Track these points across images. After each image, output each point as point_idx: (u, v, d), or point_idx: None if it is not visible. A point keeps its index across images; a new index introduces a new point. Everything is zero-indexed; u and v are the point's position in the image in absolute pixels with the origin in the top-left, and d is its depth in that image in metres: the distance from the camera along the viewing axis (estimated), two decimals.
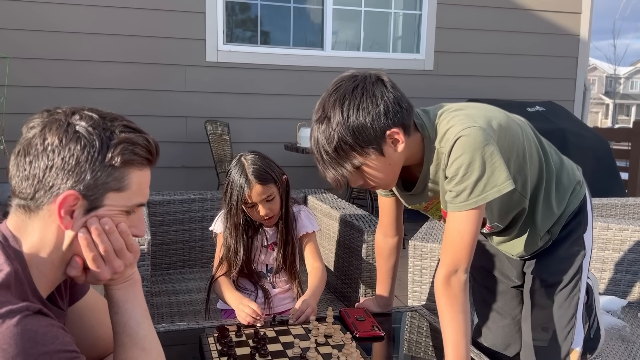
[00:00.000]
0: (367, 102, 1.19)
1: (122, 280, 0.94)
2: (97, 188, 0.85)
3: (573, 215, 1.44)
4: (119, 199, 0.88)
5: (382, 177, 1.26)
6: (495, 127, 1.26)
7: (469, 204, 1.20)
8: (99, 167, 0.85)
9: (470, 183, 1.19)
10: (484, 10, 5.15)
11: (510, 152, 1.30)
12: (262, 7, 4.82)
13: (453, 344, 1.22)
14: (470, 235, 1.22)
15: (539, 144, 1.41)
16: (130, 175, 0.88)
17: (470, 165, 1.18)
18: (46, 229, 0.86)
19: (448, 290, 1.23)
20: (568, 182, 1.44)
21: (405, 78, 5.00)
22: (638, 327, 2.13)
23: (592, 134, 4.82)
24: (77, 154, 0.84)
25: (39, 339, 0.77)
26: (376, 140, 1.20)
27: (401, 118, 1.22)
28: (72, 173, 0.84)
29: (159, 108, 4.45)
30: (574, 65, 5.49)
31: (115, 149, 0.86)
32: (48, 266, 0.87)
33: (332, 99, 1.21)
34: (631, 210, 2.88)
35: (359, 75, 1.24)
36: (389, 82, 1.24)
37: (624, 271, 2.27)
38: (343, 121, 1.18)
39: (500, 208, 1.37)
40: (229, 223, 1.81)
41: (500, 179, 1.19)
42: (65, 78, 4.22)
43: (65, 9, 4.19)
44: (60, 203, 0.83)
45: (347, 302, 2.19)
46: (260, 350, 1.33)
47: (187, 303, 2.22)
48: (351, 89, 1.20)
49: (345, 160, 1.22)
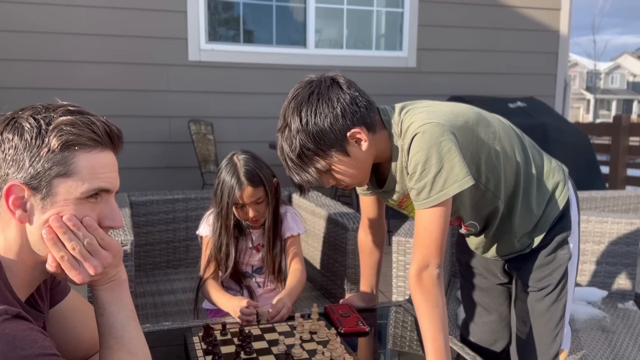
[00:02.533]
0: (324, 106, 1.21)
1: (105, 280, 0.91)
2: (39, 175, 0.83)
3: (557, 220, 1.43)
4: (70, 185, 0.85)
5: (351, 176, 1.29)
6: (460, 124, 1.27)
7: (430, 201, 1.21)
8: (36, 153, 0.83)
9: (429, 180, 1.20)
10: (465, 8, 5.19)
11: (479, 150, 1.30)
12: (244, 6, 4.81)
13: (431, 338, 1.23)
14: (438, 231, 1.23)
15: (520, 145, 1.41)
16: (76, 158, 0.85)
17: (427, 161, 1.20)
18: (8, 227, 0.85)
19: (421, 286, 1.24)
20: (550, 184, 1.43)
21: (389, 76, 5.02)
22: (618, 317, 2.17)
23: (573, 128, 4.89)
24: (16, 143, 0.82)
25: (18, 343, 0.75)
26: (338, 142, 1.23)
27: (360, 117, 1.24)
28: (12, 163, 0.82)
29: (141, 108, 4.42)
30: (555, 61, 5.55)
31: (52, 133, 0.83)
32: (20, 266, 0.86)
33: (291, 107, 1.24)
34: (610, 203, 2.93)
35: (314, 80, 1.26)
36: (345, 83, 1.26)
37: (604, 263, 2.32)
38: (303, 128, 1.21)
39: (473, 206, 1.38)
40: (220, 224, 1.78)
41: (460, 174, 1.20)
42: (45, 79, 4.17)
43: (45, 10, 4.13)
44: (5, 194, 0.82)
45: (333, 299, 2.20)
46: (245, 348, 1.33)
47: (172, 303, 2.22)
48: (307, 95, 1.23)
49: (309, 165, 1.25)
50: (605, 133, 6.25)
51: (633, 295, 2.32)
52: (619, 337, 2.00)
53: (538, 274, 1.45)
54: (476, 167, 1.31)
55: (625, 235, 2.27)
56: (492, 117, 1.41)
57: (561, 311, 1.46)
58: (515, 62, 5.40)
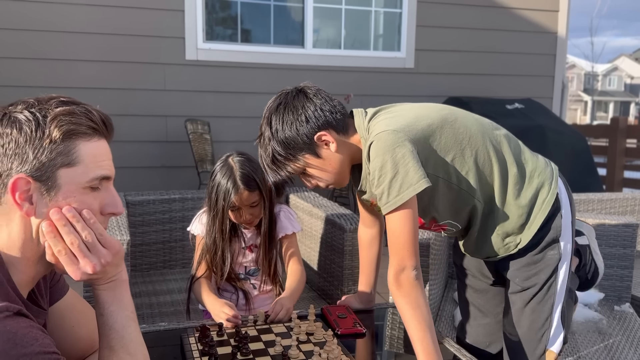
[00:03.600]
0: (289, 115, 1.34)
1: (105, 279, 0.91)
2: (44, 167, 0.83)
3: (546, 220, 1.42)
4: (74, 174, 0.86)
5: (326, 176, 1.39)
6: (420, 127, 1.33)
7: (389, 205, 1.27)
8: (39, 145, 0.83)
9: (386, 185, 1.26)
10: (464, 9, 5.19)
11: (446, 151, 1.35)
12: (242, 5, 4.80)
13: (418, 339, 1.24)
14: (406, 233, 1.27)
15: (499, 145, 1.41)
16: (77, 147, 0.86)
17: (383, 167, 1.26)
18: (11, 222, 0.85)
19: (400, 290, 1.27)
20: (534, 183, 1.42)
21: (386, 76, 5.02)
22: (614, 319, 2.17)
23: (571, 130, 4.89)
24: (15, 137, 0.83)
25: (19, 340, 0.75)
26: (307, 146, 1.35)
27: (326, 121, 1.35)
28: (14, 157, 0.83)
29: (138, 107, 4.40)
30: (552, 62, 5.56)
31: (52, 123, 0.84)
32: (23, 262, 0.86)
33: (265, 117, 1.38)
34: (607, 205, 2.93)
35: (283, 93, 1.39)
36: (312, 91, 1.38)
37: None
38: (273, 136, 1.35)
39: (449, 206, 1.41)
40: (216, 228, 1.76)
41: (415, 178, 1.25)
42: (42, 77, 4.15)
43: (42, 7, 4.12)
44: (11, 189, 0.82)
45: (330, 300, 2.20)
46: (242, 349, 1.32)
47: (168, 304, 2.21)
48: (275, 106, 1.37)
49: (282, 169, 1.38)
50: (602, 135, 6.26)
51: (629, 297, 2.32)
52: (615, 339, 2.00)
53: (524, 273, 1.46)
54: (444, 168, 1.35)
55: (622, 237, 2.28)
56: (467, 118, 1.43)
57: (547, 312, 1.46)
58: (513, 63, 5.40)
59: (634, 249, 2.28)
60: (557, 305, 1.47)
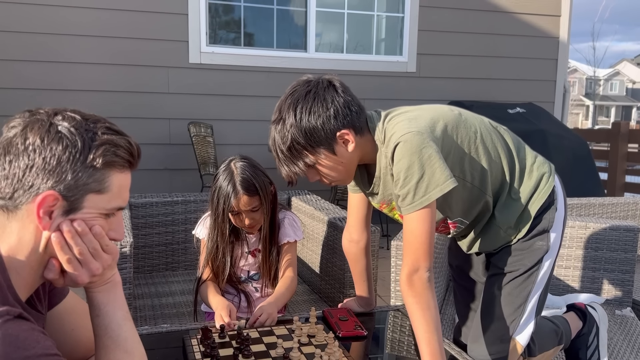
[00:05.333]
0: (318, 106, 1.29)
1: (102, 282, 0.93)
2: (77, 189, 0.85)
3: (540, 211, 1.46)
4: (99, 201, 0.88)
5: (335, 174, 1.37)
6: (440, 128, 1.34)
7: (414, 206, 1.27)
8: (80, 168, 0.84)
9: (412, 186, 1.26)
10: (466, 13, 5.20)
11: (461, 150, 1.37)
12: (245, 9, 4.82)
13: (425, 341, 1.25)
14: (425, 234, 1.27)
15: (503, 142, 1.45)
16: (111, 177, 0.88)
17: (409, 168, 1.26)
18: (24, 230, 0.85)
19: (412, 290, 1.27)
20: (534, 176, 1.47)
21: (388, 80, 5.03)
22: (615, 324, 2.17)
23: (572, 134, 4.89)
24: (59, 154, 0.83)
25: (21, 343, 0.76)
26: (327, 141, 1.31)
27: (351, 120, 1.32)
28: (53, 173, 0.83)
29: (141, 110, 4.42)
30: (554, 67, 5.56)
31: (98, 150, 0.85)
32: (26, 269, 0.87)
33: (288, 102, 1.32)
34: (609, 209, 2.93)
35: (312, 80, 1.34)
36: (340, 87, 1.34)
37: (602, 269, 2.32)
38: (296, 123, 1.30)
39: (462, 204, 1.42)
40: (217, 231, 1.78)
41: (442, 178, 1.26)
42: (45, 80, 4.17)
43: (45, 10, 4.14)
44: (39, 203, 0.83)
45: (331, 303, 2.20)
46: (244, 351, 1.33)
47: (171, 305, 2.22)
48: (304, 93, 1.31)
49: (298, 158, 1.33)
50: (604, 139, 6.26)
51: (631, 302, 2.32)
52: (617, 343, 2.00)
53: (509, 258, 1.48)
54: (460, 166, 1.37)
55: (624, 242, 2.28)
56: (473, 117, 1.46)
57: (522, 299, 1.47)
58: (515, 67, 5.41)
59: (635, 253, 2.29)
60: (534, 295, 1.49)
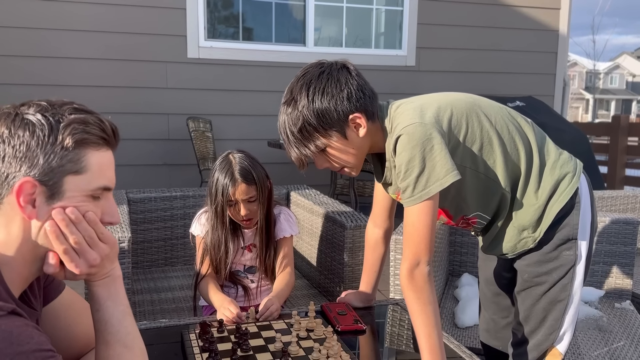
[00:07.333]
0: (332, 87, 1.26)
1: (101, 275, 0.92)
2: (53, 172, 0.84)
3: (562, 214, 1.36)
4: (80, 182, 0.86)
5: (345, 159, 1.33)
6: (447, 117, 1.30)
7: (414, 199, 1.24)
8: (51, 150, 0.83)
9: (412, 179, 1.23)
10: (465, 7, 5.18)
11: (472, 140, 1.32)
12: (243, 3, 4.80)
13: (425, 335, 1.24)
14: (425, 227, 1.24)
15: (524, 134, 1.38)
16: (86, 156, 0.86)
17: (410, 161, 1.23)
18: (11, 223, 0.85)
19: (412, 284, 1.25)
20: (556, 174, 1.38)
21: (388, 74, 5.02)
22: (615, 317, 2.17)
23: (572, 128, 4.89)
24: (27, 139, 0.83)
25: (14, 339, 0.76)
26: (339, 124, 1.28)
27: (364, 104, 1.29)
28: (24, 159, 0.82)
29: (139, 105, 4.41)
30: (554, 60, 5.55)
31: (66, 130, 0.84)
32: (19, 262, 0.86)
33: (300, 84, 1.29)
34: (609, 202, 2.93)
35: (325, 62, 1.31)
36: (354, 70, 1.31)
37: (601, 262, 2.32)
38: (308, 104, 1.26)
39: (477, 197, 1.37)
40: (217, 221, 1.79)
41: (442, 172, 1.22)
42: (42, 75, 4.16)
43: (42, 5, 4.12)
44: (17, 191, 0.82)
45: (330, 297, 2.20)
46: (242, 346, 1.33)
47: (170, 301, 2.22)
48: (317, 74, 1.28)
49: (309, 141, 1.29)
50: (604, 133, 6.25)
51: (630, 295, 2.32)
52: (616, 336, 2.00)
53: (535, 269, 1.40)
54: (471, 157, 1.32)
55: (623, 235, 2.28)
56: (490, 105, 1.41)
57: (560, 312, 1.40)
58: (515, 61, 5.40)
59: (635, 246, 2.28)
60: (571, 307, 1.41)
